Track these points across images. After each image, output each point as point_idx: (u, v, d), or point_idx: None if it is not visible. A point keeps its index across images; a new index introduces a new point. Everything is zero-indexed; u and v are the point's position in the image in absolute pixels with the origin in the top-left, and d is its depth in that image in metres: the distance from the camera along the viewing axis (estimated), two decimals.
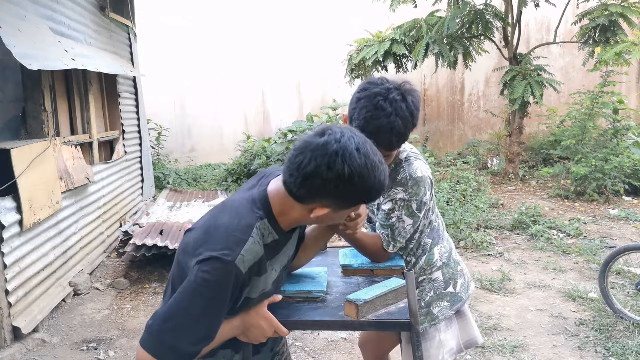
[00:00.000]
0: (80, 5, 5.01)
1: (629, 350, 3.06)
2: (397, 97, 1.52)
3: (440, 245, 1.87)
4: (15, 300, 3.30)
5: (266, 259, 1.25)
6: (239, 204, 1.27)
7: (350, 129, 1.19)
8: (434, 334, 1.83)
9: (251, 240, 1.19)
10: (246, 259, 1.17)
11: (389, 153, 1.62)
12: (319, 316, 1.42)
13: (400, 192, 1.68)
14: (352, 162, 1.13)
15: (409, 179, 1.67)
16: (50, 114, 4.11)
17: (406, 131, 1.56)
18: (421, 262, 1.83)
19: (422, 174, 1.69)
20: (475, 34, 8.07)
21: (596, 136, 7.42)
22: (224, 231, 1.20)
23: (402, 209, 1.68)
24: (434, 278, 1.83)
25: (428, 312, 1.83)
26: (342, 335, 3.46)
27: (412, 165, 1.70)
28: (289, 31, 10.32)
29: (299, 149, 1.18)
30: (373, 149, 1.19)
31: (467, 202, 6.25)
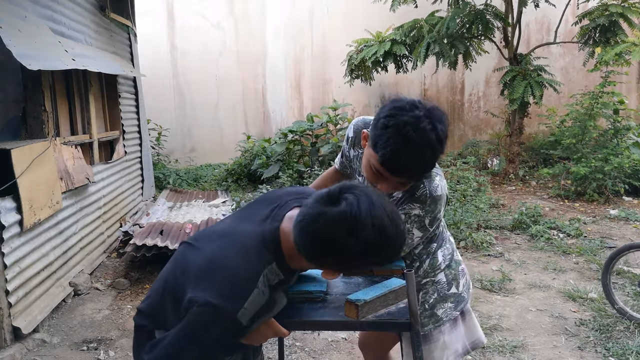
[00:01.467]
0: (80, 5, 5.01)
1: (629, 350, 3.06)
2: (427, 127, 1.42)
3: (443, 247, 1.86)
4: (15, 300, 3.30)
5: (270, 299, 1.24)
6: (249, 242, 1.22)
7: (367, 193, 1.14)
8: (438, 335, 1.82)
9: (256, 291, 1.16)
10: (248, 311, 1.16)
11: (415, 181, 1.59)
12: (319, 316, 1.42)
13: (417, 208, 1.62)
14: (367, 240, 1.10)
15: (427, 197, 1.60)
16: (50, 114, 4.11)
17: (434, 161, 1.50)
18: (425, 265, 1.82)
19: (441, 192, 1.63)
20: (475, 34, 8.07)
21: (596, 136, 7.42)
22: (229, 275, 1.16)
23: (414, 223, 1.64)
24: (437, 280, 1.82)
25: (432, 314, 1.81)
26: (342, 335, 3.46)
27: (433, 182, 1.63)
28: (289, 31, 10.32)
29: (310, 217, 1.13)
30: (392, 214, 1.14)
31: (467, 202, 6.25)
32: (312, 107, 10.29)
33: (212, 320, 1.13)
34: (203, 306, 1.13)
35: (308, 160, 8.57)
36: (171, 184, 8.65)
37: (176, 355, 1.17)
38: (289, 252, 1.22)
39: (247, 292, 1.15)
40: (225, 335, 1.16)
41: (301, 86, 10.60)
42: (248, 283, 1.16)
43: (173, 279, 1.27)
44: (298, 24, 10.31)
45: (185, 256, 1.28)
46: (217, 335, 1.15)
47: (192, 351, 1.16)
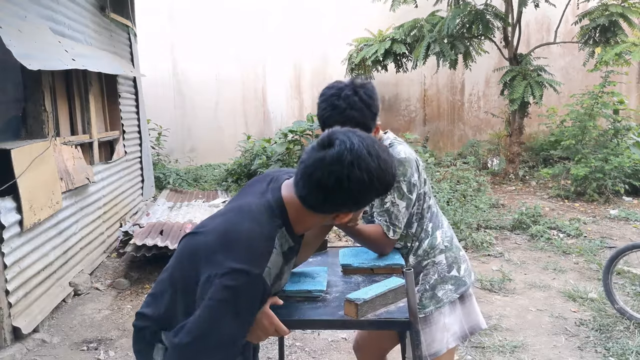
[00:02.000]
0: (80, 5, 5.01)
1: (629, 351, 3.06)
2: (348, 93, 1.66)
3: (441, 229, 1.91)
4: (15, 300, 3.30)
5: (284, 265, 1.27)
6: (256, 210, 1.25)
7: (352, 131, 1.21)
8: (438, 317, 1.85)
9: (275, 252, 1.20)
10: (272, 271, 1.19)
11: None
12: (318, 315, 1.42)
13: None
14: (369, 168, 1.16)
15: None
16: (50, 114, 4.10)
17: (365, 120, 1.67)
18: (424, 245, 1.86)
19: (405, 155, 1.77)
20: (475, 34, 8.08)
21: (596, 136, 7.42)
22: (245, 240, 1.17)
23: (393, 192, 1.74)
24: (437, 261, 1.86)
25: (433, 295, 1.84)
26: (342, 335, 3.46)
27: (396, 148, 1.79)
28: (289, 31, 10.32)
29: (312, 165, 1.18)
30: (379, 145, 1.21)
31: (467, 202, 6.25)
32: (312, 107, 10.28)
33: (241, 286, 1.12)
34: (227, 275, 1.12)
35: None
36: (171, 184, 8.65)
37: (213, 331, 1.12)
38: (294, 215, 1.27)
39: (268, 251, 1.18)
40: (255, 299, 1.16)
41: (301, 86, 10.60)
42: (267, 242, 1.19)
43: (180, 270, 1.27)
44: (298, 23, 10.31)
45: (189, 244, 1.28)
46: (248, 301, 1.14)
47: (228, 323, 1.12)
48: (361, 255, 1.81)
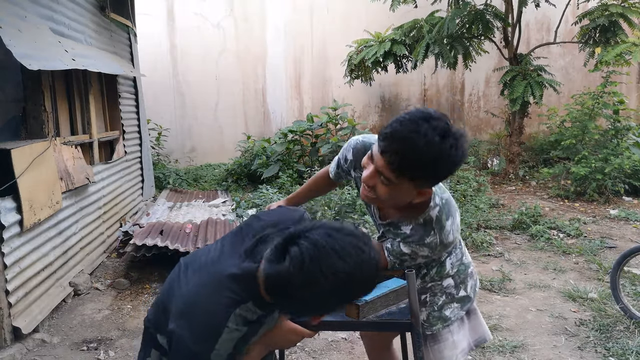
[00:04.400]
0: (80, 5, 5.01)
1: (629, 351, 3.06)
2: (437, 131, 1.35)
3: (452, 255, 1.82)
4: (15, 300, 3.30)
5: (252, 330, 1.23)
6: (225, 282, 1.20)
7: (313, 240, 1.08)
8: (447, 335, 1.82)
9: (226, 330, 1.16)
10: (222, 352, 1.16)
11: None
12: None
13: (426, 251, 1.58)
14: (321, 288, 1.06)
15: (437, 245, 1.56)
16: (50, 114, 4.10)
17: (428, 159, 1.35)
18: (432, 272, 1.79)
19: (452, 238, 1.57)
20: (475, 34, 8.07)
21: (596, 136, 7.42)
22: (200, 315, 1.17)
23: (420, 257, 1.61)
24: (445, 285, 1.81)
25: (440, 315, 1.80)
26: (342, 335, 3.45)
27: (444, 229, 1.55)
28: (289, 31, 10.32)
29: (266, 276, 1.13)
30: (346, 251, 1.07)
31: (467, 202, 6.25)
32: (312, 107, 10.28)
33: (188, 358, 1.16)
34: (180, 343, 1.16)
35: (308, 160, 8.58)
36: (171, 184, 8.65)
37: None
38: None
39: (216, 334, 1.15)
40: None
41: (301, 86, 10.60)
42: (217, 325, 1.16)
43: (166, 297, 1.31)
44: (298, 24, 10.31)
45: (175, 282, 1.30)
46: None
47: None
48: None
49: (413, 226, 1.55)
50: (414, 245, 1.57)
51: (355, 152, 1.74)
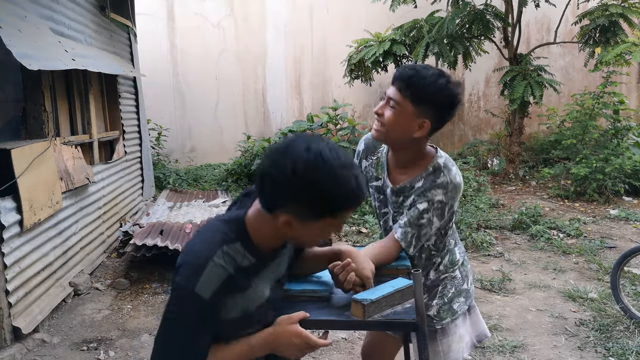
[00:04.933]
0: (80, 5, 5.01)
1: (629, 351, 3.06)
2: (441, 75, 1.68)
3: (458, 245, 1.93)
4: (15, 300, 3.30)
5: (242, 278, 1.24)
6: (213, 228, 1.27)
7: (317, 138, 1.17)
8: (454, 329, 1.88)
9: (211, 264, 1.18)
10: (207, 285, 1.17)
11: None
12: (324, 315, 1.41)
13: (440, 194, 1.68)
14: (297, 158, 1.11)
15: (449, 183, 1.68)
16: (50, 114, 4.10)
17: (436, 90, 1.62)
18: (445, 261, 1.86)
19: (460, 180, 1.72)
20: (475, 34, 8.07)
21: (596, 136, 7.42)
22: (191, 257, 1.21)
23: (436, 211, 1.69)
24: (455, 276, 1.88)
25: (449, 308, 1.86)
26: (342, 335, 3.45)
27: (452, 171, 1.71)
28: (289, 31, 10.32)
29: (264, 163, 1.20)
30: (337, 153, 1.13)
31: (467, 202, 6.25)
32: (312, 107, 10.28)
33: (177, 301, 1.20)
34: (173, 290, 1.22)
35: None
36: (171, 184, 8.64)
37: (170, 342, 1.21)
38: (255, 227, 1.25)
39: (201, 267, 1.18)
40: (196, 314, 1.19)
41: (301, 86, 10.59)
42: (204, 257, 1.19)
43: None
44: (298, 24, 10.31)
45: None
46: (185, 319, 1.20)
47: (179, 335, 1.20)
48: None
49: (424, 177, 1.71)
50: (428, 193, 1.68)
51: (366, 143, 1.93)
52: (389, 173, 1.82)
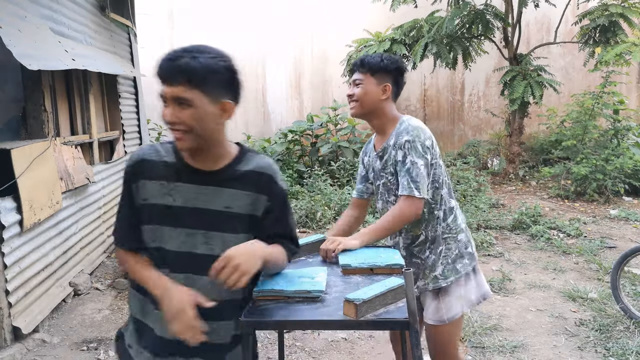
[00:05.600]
0: (80, 5, 5.01)
1: (629, 351, 3.06)
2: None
3: (461, 215, 2.21)
4: (15, 300, 3.30)
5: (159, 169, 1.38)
6: None
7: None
8: (457, 288, 2.08)
9: (141, 147, 1.43)
10: (133, 156, 1.40)
11: None
12: (317, 316, 1.42)
13: (405, 136, 1.97)
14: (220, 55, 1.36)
15: (409, 126, 2.00)
16: (50, 114, 4.11)
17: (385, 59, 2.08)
18: (448, 219, 2.09)
19: (417, 123, 2.03)
20: (475, 34, 8.08)
21: (596, 136, 7.42)
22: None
23: (410, 151, 1.95)
24: (459, 239, 2.12)
25: (453, 268, 2.08)
26: (342, 335, 3.46)
27: (411, 119, 2.06)
28: (289, 31, 10.32)
29: None
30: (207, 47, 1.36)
31: (467, 202, 6.25)
32: (312, 107, 10.28)
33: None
34: None
35: (308, 160, 8.58)
36: None
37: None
38: None
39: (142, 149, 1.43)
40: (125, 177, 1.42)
41: (301, 86, 10.60)
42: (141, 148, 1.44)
43: None
44: (298, 23, 10.31)
45: None
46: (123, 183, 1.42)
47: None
48: (360, 255, 1.81)
49: (394, 134, 2.03)
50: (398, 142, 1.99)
51: (365, 145, 2.29)
52: (374, 147, 2.15)
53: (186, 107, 1.28)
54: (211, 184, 1.38)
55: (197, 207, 1.36)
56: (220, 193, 1.38)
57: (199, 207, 1.36)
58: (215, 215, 1.37)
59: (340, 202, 6.36)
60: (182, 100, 1.27)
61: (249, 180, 1.41)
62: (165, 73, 1.28)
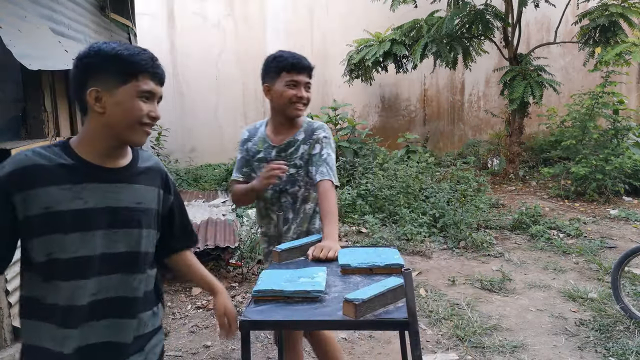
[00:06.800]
0: (80, 5, 5.01)
1: (629, 351, 3.06)
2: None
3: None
4: (15, 300, 3.30)
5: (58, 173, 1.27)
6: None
7: None
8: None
9: (15, 154, 1.28)
10: (6, 165, 1.25)
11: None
12: (317, 316, 1.42)
13: (321, 132, 2.20)
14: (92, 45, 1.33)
15: (323, 125, 2.24)
16: (50, 114, 4.10)
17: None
18: (314, 194, 2.23)
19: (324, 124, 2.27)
20: (475, 34, 8.08)
21: (596, 136, 7.42)
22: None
23: (327, 145, 2.18)
24: (318, 210, 2.23)
25: (319, 231, 2.20)
26: (342, 335, 3.45)
27: (317, 121, 2.27)
28: (289, 31, 10.32)
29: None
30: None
31: (467, 202, 6.25)
32: (312, 107, 10.28)
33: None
34: None
35: None
36: None
37: None
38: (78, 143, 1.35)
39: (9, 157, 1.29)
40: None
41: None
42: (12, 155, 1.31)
43: None
44: (298, 24, 10.32)
45: None
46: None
47: None
48: (360, 255, 1.81)
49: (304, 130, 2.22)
50: (314, 136, 2.19)
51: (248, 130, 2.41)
52: (270, 141, 2.25)
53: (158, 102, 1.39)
54: (122, 180, 1.36)
55: (110, 206, 1.33)
56: (130, 189, 1.37)
57: (112, 206, 1.34)
58: (129, 212, 1.36)
59: (340, 202, 6.36)
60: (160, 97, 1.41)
61: (152, 175, 1.44)
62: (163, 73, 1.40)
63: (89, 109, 1.31)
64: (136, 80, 1.29)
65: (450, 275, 4.44)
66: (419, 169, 7.19)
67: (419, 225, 5.65)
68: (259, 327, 1.52)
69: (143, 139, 1.35)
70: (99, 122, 1.31)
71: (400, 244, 5.27)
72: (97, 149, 1.33)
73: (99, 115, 1.30)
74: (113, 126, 1.31)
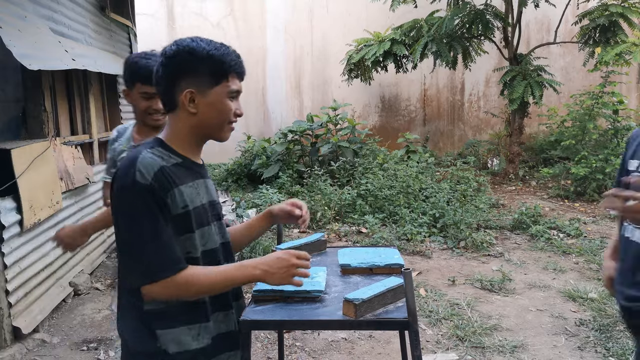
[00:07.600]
0: (80, 5, 5.01)
1: (629, 351, 3.06)
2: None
3: None
4: (15, 300, 3.30)
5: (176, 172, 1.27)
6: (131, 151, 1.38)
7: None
8: None
9: (140, 157, 1.23)
10: (144, 171, 1.21)
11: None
12: (317, 316, 1.42)
13: None
14: (180, 42, 1.33)
15: None
16: (50, 114, 4.11)
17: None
18: None
19: None
20: (475, 34, 8.08)
21: (596, 136, 7.42)
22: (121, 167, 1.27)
23: None
24: None
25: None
26: (342, 335, 3.46)
27: None
28: (289, 31, 10.32)
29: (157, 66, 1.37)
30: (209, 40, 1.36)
31: (467, 202, 6.25)
32: (312, 107, 10.28)
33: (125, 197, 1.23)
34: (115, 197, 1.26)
35: (308, 160, 8.57)
36: None
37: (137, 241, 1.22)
38: (168, 135, 1.34)
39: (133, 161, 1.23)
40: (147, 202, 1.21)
41: (301, 86, 10.60)
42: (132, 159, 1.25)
43: None
44: (298, 24, 10.32)
45: None
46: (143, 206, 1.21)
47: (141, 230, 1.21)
48: (360, 255, 1.81)
49: None
50: None
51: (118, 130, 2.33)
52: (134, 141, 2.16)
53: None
54: (207, 175, 1.44)
55: (212, 200, 1.42)
56: (211, 183, 1.46)
57: (213, 200, 1.42)
58: (218, 205, 1.46)
59: (340, 202, 6.36)
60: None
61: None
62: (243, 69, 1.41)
63: (177, 108, 1.31)
64: (226, 81, 1.32)
65: (450, 275, 4.44)
66: (419, 169, 7.19)
67: (419, 225, 5.65)
68: (259, 327, 1.51)
69: (228, 135, 1.38)
70: (190, 121, 1.32)
71: (400, 244, 5.27)
72: (190, 146, 1.36)
73: (191, 115, 1.31)
74: (205, 126, 1.33)
